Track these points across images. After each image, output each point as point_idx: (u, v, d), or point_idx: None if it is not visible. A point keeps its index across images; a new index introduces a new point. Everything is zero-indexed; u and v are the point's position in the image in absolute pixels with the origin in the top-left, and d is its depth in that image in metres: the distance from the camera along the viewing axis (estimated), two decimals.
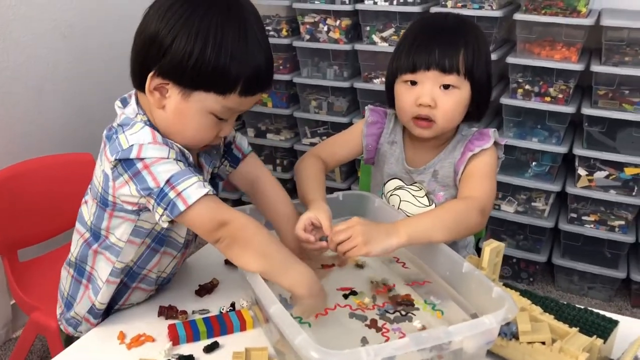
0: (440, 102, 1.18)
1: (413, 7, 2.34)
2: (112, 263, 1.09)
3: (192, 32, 0.95)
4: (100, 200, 1.06)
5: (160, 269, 1.15)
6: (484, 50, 1.21)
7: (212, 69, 0.96)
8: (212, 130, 1.04)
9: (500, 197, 2.46)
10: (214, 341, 1.06)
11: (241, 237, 1.00)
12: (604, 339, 1.00)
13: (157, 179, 0.97)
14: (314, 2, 2.50)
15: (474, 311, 0.98)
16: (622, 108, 2.17)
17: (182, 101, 1.00)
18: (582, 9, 2.13)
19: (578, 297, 2.47)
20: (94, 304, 1.12)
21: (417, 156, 1.30)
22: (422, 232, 1.07)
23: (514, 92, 2.31)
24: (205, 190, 0.98)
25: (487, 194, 1.18)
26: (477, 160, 1.22)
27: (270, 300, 0.90)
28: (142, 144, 0.99)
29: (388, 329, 1.01)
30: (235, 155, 1.22)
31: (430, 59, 1.16)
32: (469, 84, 1.18)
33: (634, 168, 2.20)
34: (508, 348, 1.01)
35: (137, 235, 1.07)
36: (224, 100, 0.99)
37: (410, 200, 1.32)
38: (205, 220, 0.99)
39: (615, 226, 2.30)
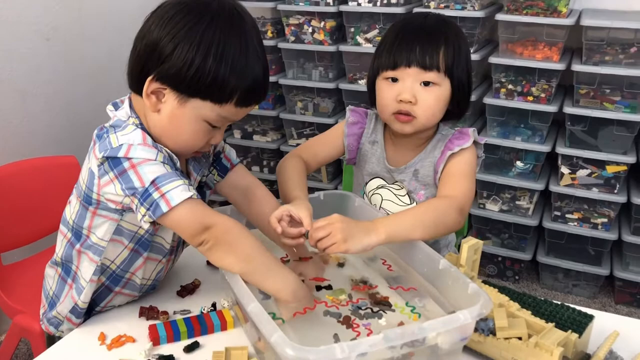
0: (420, 98, 1.20)
1: (396, 8, 2.35)
2: (95, 263, 1.09)
3: (195, 42, 0.96)
4: (83, 199, 1.06)
5: (144, 275, 1.15)
6: (464, 49, 1.23)
7: (211, 79, 0.98)
8: (204, 137, 1.05)
9: (485, 196, 2.48)
10: (195, 341, 1.06)
11: (225, 241, 1.00)
12: (579, 334, 1.01)
13: (142, 178, 0.98)
14: (298, 3, 2.51)
15: (452, 309, 0.99)
16: (603, 107, 2.20)
17: (178, 107, 1.01)
18: (562, 9, 2.16)
19: (563, 295, 2.49)
20: (77, 303, 1.12)
21: (397, 155, 1.32)
22: (401, 230, 1.09)
23: (497, 92, 2.33)
24: (189, 193, 0.98)
25: (465, 193, 1.20)
26: (456, 160, 1.24)
27: (248, 299, 0.91)
28: (131, 144, 1.00)
29: (358, 324, 1.01)
30: (224, 165, 1.23)
31: (411, 56, 1.18)
32: (449, 81, 1.20)
33: (616, 166, 2.22)
34: (485, 344, 1.02)
35: (120, 235, 1.08)
36: (220, 109, 1.01)
37: (391, 199, 1.33)
38: (188, 223, 1.00)
39: (598, 224, 2.32)
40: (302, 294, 1.02)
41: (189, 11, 0.98)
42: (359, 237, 1.04)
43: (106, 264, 1.11)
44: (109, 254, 1.09)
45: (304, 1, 2.50)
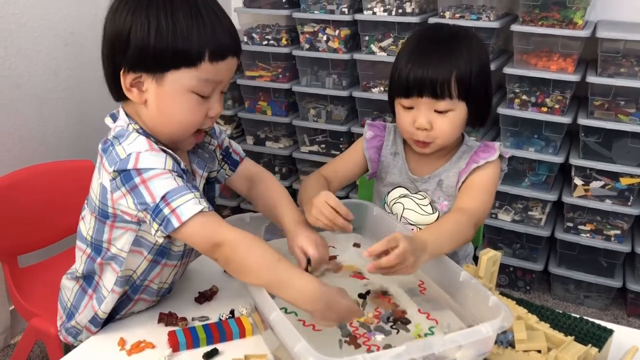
0: (436, 125, 1.20)
1: (411, 17, 2.36)
2: (116, 273, 1.10)
3: (144, 19, 0.98)
4: (99, 214, 1.07)
5: (161, 280, 1.17)
6: (482, 62, 1.21)
7: (172, 47, 0.98)
8: (198, 110, 1.04)
9: (497, 205, 2.48)
10: (214, 348, 1.07)
11: (236, 259, 1.00)
12: (599, 348, 1.01)
13: (153, 194, 0.98)
14: (313, 12, 2.53)
15: (472, 322, 0.99)
16: (617, 119, 2.19)
17: (159, 87, 1.01)
18: (578, 21, 2.16)
19: (574, 306, 2.48)
20: (97, 312, 1.13)
21: (421, 165, 1.32)
22: (439, 246, 1.08)
23: (511, 102, 2.33)
24: (199, 207, 0.98)
25: (483, 208, 1.21)
26: (480, 173, 1.24)
27: (270, 307, 0.92)
28: (139, 151, 1.00)
29: (369, 338, 1.01)
30: (234, 159, 1.26)
31: (422, 87, 1.17)
32: (465, 103, 1.20)
33: (630, 178, 2.22)
34: (504, 356, 1.02)
35: (139, 246, 1.08)
36: (197, 72, 1.00)
37: (413, 208, 1.33)
38: (199, 239, 1.00)
39: (611, 235, 2.31)
40: (325, 302, 0.96)
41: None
42: (420, 257, 1.01)
43: (129, 274, 1.11)
44: (130, 264, 1.10)
45: (319, 9, 2.52)
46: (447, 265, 1.07)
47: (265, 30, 2.68)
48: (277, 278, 0.98)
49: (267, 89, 2.74)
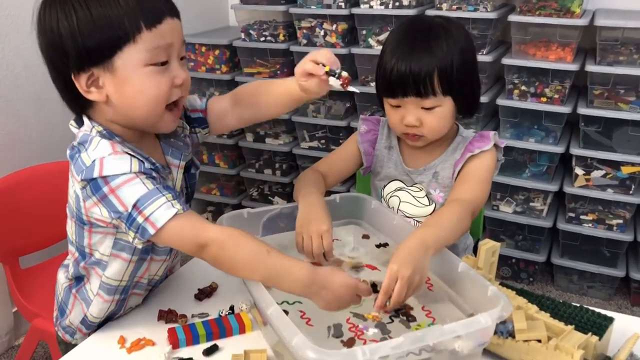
0: (425, 121, 1.20)
1: (409, 10, 2.35)
2: (99, 277, 1.10)
3: (64, 17, 0.95)
4: (77, 219, 1.06)
5: (150, 274, 1.16)
6: (463, 55, 1.18)
7: (103, 32, 0.94)
8: (161, 81, 0.99)
9: (499, 197, 2.47)
10: (214, 344, 1.07)
11: (224, 258, 0.99)
12: (600, 336, 1.01)
13: (124, 203, 0.96)
14: (310, 7, 2.52)
15: (471, 312, 0.99)
16: (617, 107, 2.18)
17: (113, 76, 0.97)
18: (576, 10, 2.15)
19: (578, 297, 2.48)
20: (87, 315, 1.13)
21: (416, 157, 1.32)
22: (442, 241, 1.07)
23: (510, 93, 2.32)
24: (173, 210, 0.96)
25: (479, 198, 1.20)
26: (476, 162, 1.23)
27: (268, 302, 0.91)
28: (102, 157, 0.98)
29: (362, 332, 1.01)
30: (196, 117, 1.20)
31: (406, 87, 1.17)
32: (450, 97, 1.19)
33: (631, 167, 2.21)
34: (504, 346, 1.02)
35: (121, 250, 1.07)
36: (141, 44, 0.96)
37: (409, 200, 1.33)
38: (181, 241, 0.99)
39: (613, 225, 2.31)
40: (319, 284, 0.96)
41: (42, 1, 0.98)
42: (425, 263, 1.00)
43: (115, 285, 1.10)
44: (114, 272, 1.09)
45: (316, 4, 2.51)
46: (446, 257, 1.07)
47: (263, 27, 2.68)
48: (269, 269, 0.98)
49: None
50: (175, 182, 1.13)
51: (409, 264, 0.97)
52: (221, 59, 2.76)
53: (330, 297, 0.96)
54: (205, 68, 2.81)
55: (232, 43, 2.70)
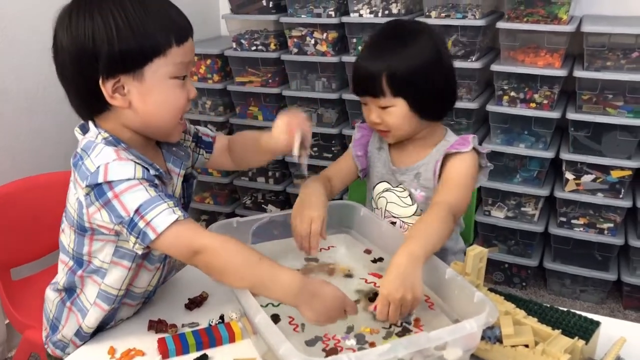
0: (384, 120, 1.26)
1: (398, 18, 2.37)
2: (97, 285, 1.10)
3: (100, 22, 0.98)
4: (77, 227, 1.07)
5: (142, 284, 1.16)
6: (423, 59, 1.21)
7: (139, 43, 0.99)
8: (181, 94, 1.07)
9: (490, 202, 2.48)
10: (203, 353, 1.07)
11: (216, 265, 1.00)
12: (586, 340, 1.02)
13: (126, 208, 0.99)
14: (300, 16, 2.54)
15: (458, 319, 1.00)
16: (605, 112, 2.20)
17: (141, 84, 1.02)
18: (563, 16, 2.17)
19: (570, 301, 2.49)
20: (81, 326, 1.13)
21: (403, 157, 1.35)
22: (431, 249, 1.08)
23: (500, 99, 2.34)
24: (174, 216, 0.99)
25: (460, 201, 1.22)
26: (456, 166, 1.25)
27: (255, 310, 0.92)
28: (107, 162, 1.00)
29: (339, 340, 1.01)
30: (206, 141, 1.29)
31: (360, 87, 1.27)
32: (402, 99, 1.22)
33: (620, 171, 2.22)
34: (492, 352, 1.02)
35: (121, 257, 1.08)
36: (170, 58, 1.02)
37: (395, 201, 1.36)
38: (177, 248, 1.01)
39: (604, 229, 2.32)
40: (309, 293, 0.97)
41: (75, 5, 1.01)
42: (415, 278, 1.00)
43: (114, 294, 1.11)
44: (114, 281, 1.10)
45: (306, 13, 2.53)
46: (433, 264, 1.07)
47: (254, 36, 2.69)
48: (260, 277, 0.99)
49: (257, 95, 2.75)
50: (175, 189, 1.16)
51: (399, 287, 0.99)
52: (213, 68, 2.77)
53: (319, 306, 0.97)
54: (197, 77, 2.82)
55: (223, 52, 2.71)
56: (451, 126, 2.45)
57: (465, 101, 2.37)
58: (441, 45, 1.26)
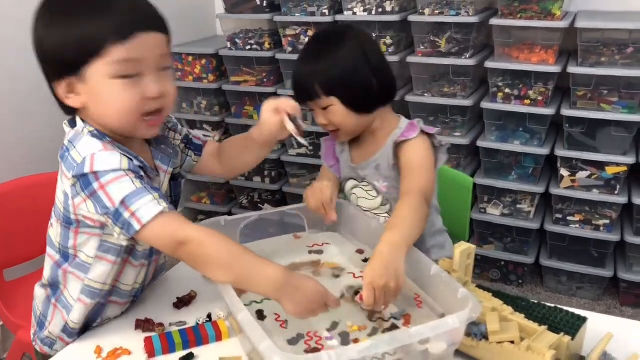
0: (329, 120, 1.31)
1: (391, 15, 2.37)
2: (81, 280, 1.11)
3: (46, 27, 1.00)
4: (64, 220, 1.07)
5: (128, 281, 1.16)
6: (354, 60, 1.26)
7: (70, 45, 0.98)
8: (130, 94, 1.01)
9: (486, 200, 2.48)
10: (190, 352, 1.07)
11: (200, 255, 1.01)
12: (572, 336, 1.01)
13: (112, 199, 0.99)
14: (294, 14, 2.53)
15: (443, 314, 1.00)
16: (600, 108, 2.20)
17: (85, 85, 1.01)
18: (556, 12, 2.16)
19: (567, 298, 2.48)
20: (67, 322, 1.13)
21: (362, 153, 1.39)
22: (411, 236, 1.10)
23: (494, 96, 2.33)
24: (159, 208, 0.99)
25: (428, 185, 1.24)
26: (411, 153, 1.28)
27: (239, 308, 0.92)
28: (93, 153, 1.01)
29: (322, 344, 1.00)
30: (196, 144, 1.29)
31: (298, 94, 1.32)
32: (337, 98, 1.27)
33: (615, 167, 2.22)
34: (478, 348, 1.02)
35: (106, 252, 1.09)
36: (108, 57, 0.98)
37: (363, 195, 1.39)
38: (162, 239, 1.01)
39: (600, 225, 2.31)
40: (292, 287, 0.97)
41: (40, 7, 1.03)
42: (398, 266, 1.02)
43: (98, 288, 1.11)
44: (98, 275, 1.10)
45: (300, 12, 2.53)
46: (419, 260, 1.07)
47: (248, 35, 2.69)
48: (244, 269, 0.99)
49: (252, 94, 2.75)
50: (161, 187, 1.16)
51: (382, 274, 1.00)
52: (208, 68, 2.77)
53: (301, 299, 0.97)
54: (193, 77, 2.82)
55: (218, 52, 2.71)
56: (446, 124, 2.46)
57: (460, 98, 2.37)
58: (368, 47, 1.30)
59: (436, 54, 2.37)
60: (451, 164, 2.48)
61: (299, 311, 0.98)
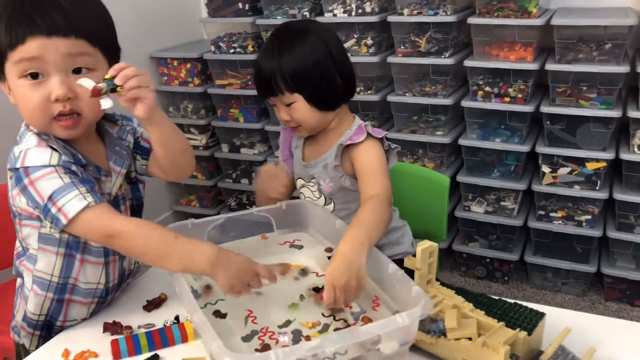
0: (292, 115, 1.32)
1: (371, 16, 2.39)
2: (30, 271, 1.15)
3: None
4: (12, 213, 1.13)
5: (87, 279, 1.17)
6: (315, 56, 1.27)
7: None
8: (33, 94, 1.04)
9: (470, 198, 2.49)
10: (155, 354, 1.08)
11: (134, 247, 1.06)
12: (529, 332, 1.02)
13: (41, 194, 1.04)
14: (276, 17, 2.55)
15: (398, 310, 1.01)
16: (579, 104, 2.20)
17: (7, 83, 1.08)
18: (533, 10, 2.17)
19: (552, 294, 2.49)
20: (26, 311, 1.18)
21: (314, 152, 1.40)
22: (372, 234, 1.12)
23: (475, 95, 2.35)
24: (84, 202, 1.03)
25: (386, 188, 1.26)
26: (363, 156, 1.30)
27: (193, 308, 0.93)
28: (27, 148, 1.06)
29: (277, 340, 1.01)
30: (143, 146, 1.26)
31: (260, 89, 1.33)
32: (299, 94, 1.29)
33: (595, 163, 2.23)
34: (437, 345, 1.03)
35: (46, 243, 1.12)
36: (11, 57, 1.03)
37: (310, 195, 1.41)
38: (91, 232, 1.06)
39: (583, 221, 2.32)
40: (225, 261, 1.03)
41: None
42: (360, 264, 1.04)
43: (47, 279, 1.15)
44: (44, 266, 1.14)
45: (282, 14, 2.54)
46: (377, 258, 1.09)
47: (232, 39, 2.71)
48: (180, 252, 1.05)
49: (237, 97, 2.77)
50: (113, 187, 1.18)
51: (343, 272, 1.02)
52: (193, 72, 2.79)
53: (234, 270, 1.03)
54: (178, 81, 2.84)
55: (202, 56, 2.73)
56: (428, 123, 2.47)
57: (441, 97, 2.38)
58: (330, 41, 1.31)
59: (416, 53, 2.39)
60: (434, 162, 2.50)
61: (232, 282, 1.03)
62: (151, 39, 2.81)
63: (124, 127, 1.25)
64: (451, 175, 2.46)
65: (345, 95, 1.34)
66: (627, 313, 2.33)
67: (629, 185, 2.23)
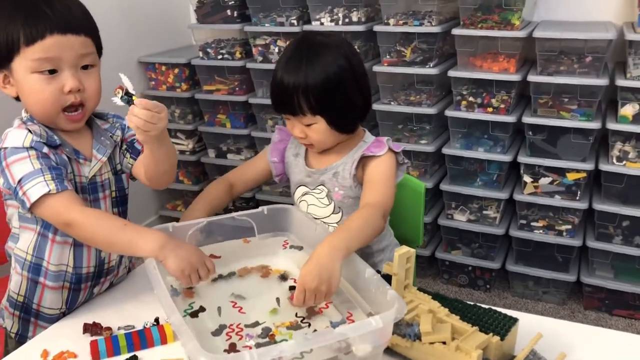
0: (308, 135, 1.32)
1: (358, 26, 2.42)
2: (12, 250, 1.23)
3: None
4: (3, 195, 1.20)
5: (54, 261, 1.22)
6: (337, 77, 1.25)
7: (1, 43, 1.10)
8: (47, 88, 1.13)
9: (453, 206, 2.52)
10: (133, 355, 1.09)
11: (86, 236, 1.13)
12: (502, 337, 1.05)
13: (13, 177, 1.12)
14: (264, 24, 2.58)
15: (370, 311, 1.03)
16: (560, 116, 2.24)
17: (14, 78, 1.15)
18: (516, 22, 2.21)
19: (533, 302, 2.52)
20: (9, 290, 1.24)
21: (320, 160, 1.40)
22: (353, 242, 1.13)
23: (458, 105, 2.38)
24: (46, 189, 1.09)
25: (386, 200, 1.27)
26: (376, 167, 1.31)
27: (171, 310, 0.95)
28: (9, 131, 1.15)
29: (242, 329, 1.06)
30: (137, 148, 1.32)
31: (280, 109, 1.32)
32: (321, 117, 1.28)
33: (576, 173, 2.26)
34: (412, 349, 1.05)
35: (25, 221, 1.20)
36: (25, 55, 1.11)
37: (314, 203, 1.41)
38: (51, 218, 1.14)
39: (563, 230, 2.36)
40: (173, 243, 1.10)
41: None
42: (333, 269, 1.05)
43: (23, 257, 1.21)
44: (22, 244, 1.21)
45: (270, 22, 2.57)
46: (355, 264, 1.10)
47: (220, 45, 2.73)
48: (129, 238, 1.12)
49: (225, 102, 2.78)
50: (91, 171, 1.24)
51: (315, 277, 1.04)
52: (181, 77, 2.81)
53: (183, 254, 1.09)
54: (166, 86, 2.86)
55: (190, 62, 2.75)
56: (413, 132, 2.50)
57: (425, 107, 2.41)
58: (352, 55, 1.29)
59: (401, 63, 2.42)
60: (418, 171, 2.52)
61: (182, 266, 1.08)
62: (140, 44, 2.83)
63: (114, 124, 1.31)
64: (435, 184, 2.49)
65: (363, 116, 1.34)
66: (606, 322, 2.36)
67: (607, 196, 2.27)
